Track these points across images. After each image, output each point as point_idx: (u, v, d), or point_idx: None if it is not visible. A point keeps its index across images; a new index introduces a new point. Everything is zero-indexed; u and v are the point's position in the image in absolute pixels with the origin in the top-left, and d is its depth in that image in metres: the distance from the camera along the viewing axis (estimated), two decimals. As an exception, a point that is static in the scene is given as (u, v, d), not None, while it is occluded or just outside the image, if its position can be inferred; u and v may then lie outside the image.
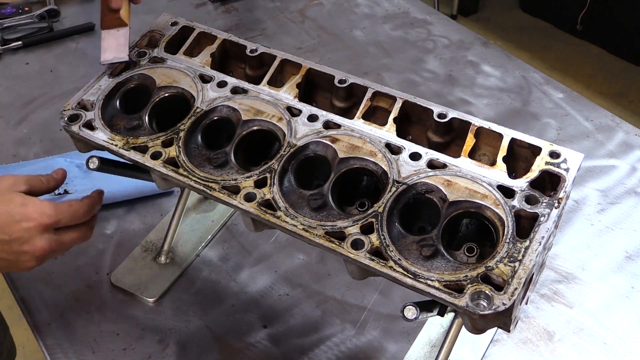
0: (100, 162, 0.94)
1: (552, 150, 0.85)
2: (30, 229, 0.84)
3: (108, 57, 0.98)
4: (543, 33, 3.57)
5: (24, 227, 0.83)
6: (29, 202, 0.85)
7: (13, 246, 0.84)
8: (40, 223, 0.85)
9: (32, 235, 0.84)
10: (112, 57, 0.98)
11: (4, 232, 0.83)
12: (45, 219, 0.85)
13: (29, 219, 0.84)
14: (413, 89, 1.53)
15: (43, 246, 0.85)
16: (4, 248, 0.84)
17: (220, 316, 1.11)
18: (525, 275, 0.74)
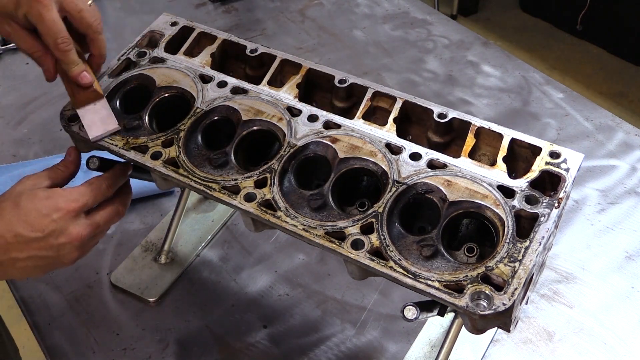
0: (100, 162, 0.94)
1: (552, 151, 0.85)
2: (61, 218, 0.83)
3: (98, 133, 0.92)
4: (543, 33, 3.57)
5: (54, 218, 0.82)
6: (52, 194, 0.84)
7: (50, 241, 0.83)
8: (69, 210, 0.84)
9: (65, 224, 0.83)
10: (102, 132, 0.92)
11: (36, 229, 0.82)
12: (72, 204, 0.84)
13: (57, 209, 0.83)
14: (413, 89, 1.53)
15: (79, 232, 0.85)
16: (42, 245, 0.82)
17: (220, 316, 1.11)
18: (525, 276, 0.74)
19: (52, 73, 0.93)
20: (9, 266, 0.82)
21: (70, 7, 0.89)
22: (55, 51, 0.89)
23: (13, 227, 0.81)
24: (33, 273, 0.85)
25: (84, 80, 0.92)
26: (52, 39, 0.88)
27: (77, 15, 0.89)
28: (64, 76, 0.93)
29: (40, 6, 0.85)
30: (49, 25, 0.87)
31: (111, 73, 1.01)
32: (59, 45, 0.88)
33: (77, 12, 0.89)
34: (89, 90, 0.92)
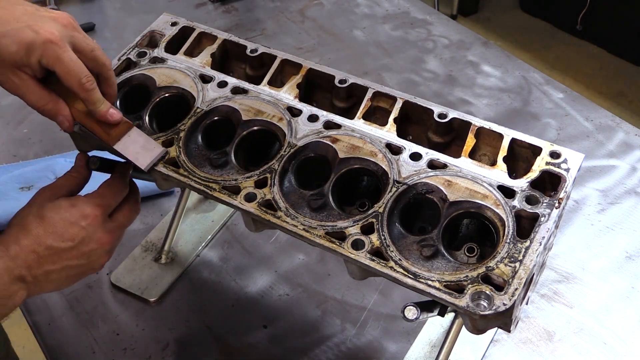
0: (101, 162, 0.94)
1: (552, 151, 0.85)
2: (90, 224, 0.83)
3: (147, 161, 0.88)
4: (543, 33, 3.57)
5: (83, 225, 0.82)
6: (75, 202, 0.84)
7: (81, 248, 0.83)
8: (96, 215, 0.84)
9: (94, 230, 0.83)
10: (150, 159, 0.88)
11: (67, 238, 0.81)
12: (98, 210, 0.84)
13: (85, 216, 0.83)
14: (413, 89, 1.53)
15: (108, 236, 0.85)
16: (74, 254, 0.82)
17: (220, 316, 1.11)
18: (525, 276, 0.74)
19: (71, 121, 0.87)
20: (44, 280, 0.81)
21: (83, 47, 0.84)
22: (81, 92, 0.83)
23: (43, 241, 0.80)
24: (65, 284, 0.85)
25: (114, 117, 0.87)
26: (76, 79, 0.82)
27: (91, 55, 0.85)
28: (85, 119, 0.87)
29: (56, 47, 0.80)
30: (70, 65, 0.82)
31: (111, 73, 1.01)
32: (85, 84, 0.83)
33: (90, 52, 0.85)
34: (119, 123, 0.88)
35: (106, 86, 0.88)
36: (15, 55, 0.80)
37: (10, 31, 0.80)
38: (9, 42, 0.79)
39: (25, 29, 0.80)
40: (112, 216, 0.87)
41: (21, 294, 0.80)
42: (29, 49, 0.80)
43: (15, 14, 0.82)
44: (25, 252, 0.79)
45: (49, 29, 0.81)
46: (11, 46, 0.79)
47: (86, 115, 0.87)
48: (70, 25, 0.84)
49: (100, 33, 1.71)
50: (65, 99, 0.86)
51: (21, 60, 0.80)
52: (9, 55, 0.80)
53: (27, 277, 0.79)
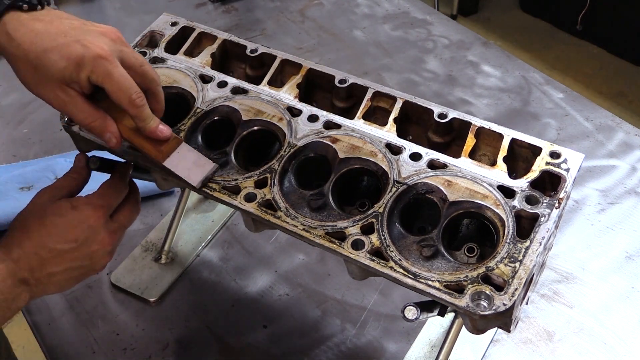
0: (101, 162, 0.94)
1: (552, 151, 0.85)
2: (92, 226, 0.83)
3: (199, 178, 0.85)
4: (543, 33, 3.57)
5: (85, 227, 0.82)
6: (77, 203, 0.84)
7: (83, 250, 0.82)
8: (98, 216, 0.84)
9: (96, 231, 0.83)
10: (202, 176, 0.85)
11: (69, 239, 0.81)
12: (100, 210, 0.84)
13: (87, 217, 0.83)
14: (413, 89, 1.53)
15: (110, 237, 0.85)
16: (76, 255, 0.82)
17: (220, 316, 1.11)
18: (525, 276, 0.74)
19: (119, 138, 0.84)
20: (47, 282, 0.81)
21: (132, 62, 0.82)
22: (131, 108, 0.81)
23: (45, 243, 0.80)
24: (67, 285, 0.84)
25: (163, 133, 0.84)
26: (126, 95, 0.80)
27: (140, 70, 0.82)
28: (133, 136, 0.85)
29: (106, 63, 0.78)
30: (120, 81, 0.79)
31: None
32: (135, 100, 0.80)
33: (139, 67, 0.82)
34: (168, 139, 0.85)
35: (154, 102, 0.85)
36: (63, 71, 0.78)
37: (59, 46, 0.78)
38: (57, 58, 0.77)
39: (74, 44, 0.78)
40: (113, 217, 0.87)
41: (24, 297, 0.80)
42: (79, 65, 0.77)
43: (62, 28, 0.80)
44: (28, 255, 0.79)
45: (98, 43, 0.79)
46: (60, 62, 0.77)
47: (134, 131, 0.84)
48: (119, 40, 0.83)
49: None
50: (112, 115, 0.83)
51: (70, 76, 0.78)
52: (57, 72, 0.78)
53: (30, 279, 0.79)
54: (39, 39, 0.78)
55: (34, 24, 0.79)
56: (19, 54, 0.79)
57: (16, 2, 0.80)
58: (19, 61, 0.80)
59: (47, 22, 0.80)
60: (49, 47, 0.78)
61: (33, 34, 0.79)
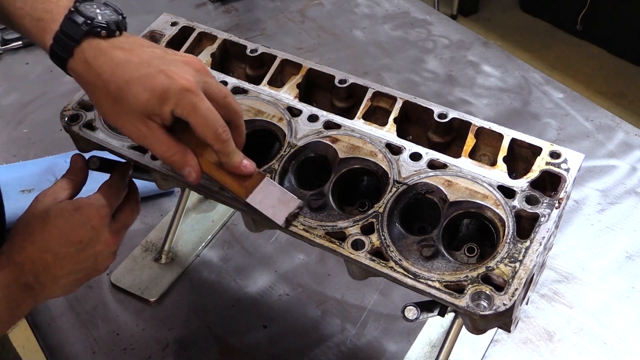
0: (101, 162, 0.94)
1: (552, 151, 0.85)
2: (96, 226, 0.82)
3: (285, 215, 0.81)
4: (543, 33, 3.57)
5: (89, 228, 0.81)
6: (80, 204, 0.83)
7: (88, 251, 0.81)
8: (101, 216, 0.82)
9: (100, 231, 0.82)
10: (288, 211, 0.81)
11: (74, 241, 0.80)
12: (103, 211, 0.83)
13: (91, 218, 0.81)
14: (413, 89, 1.53)
15: (113, 237, 0.84)
16: (81, 257, 0.81)
17: (220, 316, 1.11)
18: (525, 276, 0.74)
19: (199, 172, 0.79)
20: (52, 285, 0.80)
21: (215, 94, 0.77)
22: (216, 143, 0.76)
23: (49, 246, 0.79)
24: (72, 288, 0.83)
25: (247, 168, 0.80)
26: (212, 129, 0.75)
27: (223, 102, 0.78)
28: (215, 170, 0.80)
29: (192, 96, 0.74)
30: (206, 115, 0.75)
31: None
32: (221, 135, 0.76)
33: (222, 98, 0.78)
34: (252, 174, 0.81)
35: (236, 135, 0.80)
36: (146, 103, 0.74)
37: (141, 77, 0.74)
38: (140, 90, 0.74)
39: (157, 75, 0.74)
40: (115, 217, 0.86)
41: (29, 302, 0.79)
42: (163, 98, 0.73)
43: (144, 57, 0.76)
44: (32, 260, 0.78)
45: (183, 74, 0.74)
46: (142, 94, 0.73)
47: (215, 166, 0.80)
48: (203, 70, 0.78)
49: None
50: (191, 148, 0.79)
51: (152, 109, 0.74)
52: (139, 104, 0.74)
53: (35, 284, 0.78)
54: (120, 69, 0.74)
55: (114, 52, 0.76)
56: (99, 84, 0.76)
57: (94, 29, 0.76)
58: (98, 91, 0.76)
59: (127, 50, 0.76)
60: (131, 78, 0.74)
61: (114, 63, 0.75)
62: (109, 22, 0.77)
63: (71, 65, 0.77)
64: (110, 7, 0.80)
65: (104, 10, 0.78)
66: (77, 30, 0.75)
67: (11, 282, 0.76)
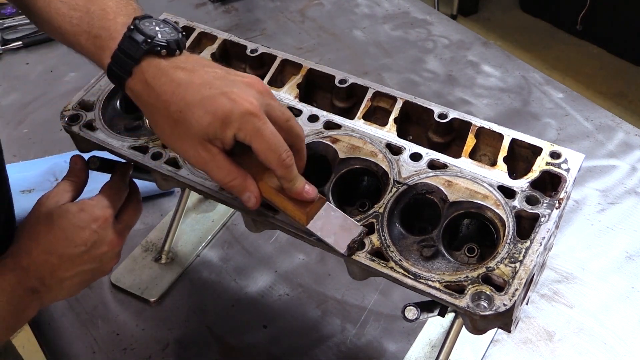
0: (101, 162, 0.94)
1: (552, 151, 0.85)
2: (100, 227, 0.82)
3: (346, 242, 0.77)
4: (543, 33, 3.57)
5: (94, 229, 0.81)
6: (83, 205, 0.82)
7: (93, 252, 0.81)
8: (106, 217, 0.83)
9: (105, 232, 0.82)
10: (350, 239, 0.77)
11: (79, 243, 0.80)
12: (107, 211, 0.83)
13: (95, 219, 0.81)
14: (413, 89, 1.53)
15: (117, 238, 0.84)
16: (86, 258, 0.81)
17: (220, 316, 1.11)
18: (526, 276, 0.74)
19: (259, 197, 0.76)
20: (57, 288, 0.80)
21: (278, 117, 0.74)
22: (279, 168, 0.73)
23: (55, 249, 0.79)
24: (77, 290, 0.83)
25: (309, 194, 0.76)
26: (275, 155, 0.72)
27: (285, 125, 0.75)
28: (275, 196, 0.77)
29: (256, 120, 0.70)
30: (270, 140, 0.71)
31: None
32: (285, 160, 0.72)
33: (285, 122, 0.75)
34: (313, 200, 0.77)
35: (298, 159, 0.77)
36: (208, 127, 0.70)
37: (203, 100, 0.71)
38: (202, 113, 0.70)
39: (220, 97, 0.71)
40: (118, 217, 0.87)
41: (35, 305, 0.79)
42: (225, 121, 0.70)
43: (206, 78, 0.72)
44: (38, 263, 0.78)
45: (246, 97, 0.71)
46: (204, 117, 0.70)
47: (276, 191, 0.77)
48: (266, 92, 0.75)
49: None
50: (250, 172, 0.76)
51: (214, 133, 0.71)
52: (200, 128, 0.70)
53: (40, 287, 0.78)
54: (181, 90, 0.71)
55: (175, 73, 0.72)
56: (159, 106, 0.73)
57: (154, 48, 0.73)
58: (157, 113, 0.74)
59: (189, 70, 0.73)
60: (192, 100, 0.71)
61: (174, 84, 0.72)
62: (169, 40, 0.74)
63: (130, 84, 0.74)
64: (169, 24, 0.77)
65: (163, 27, 0.75)
66: (136, 49, 0.73)
67: (16, 285, 0.76)
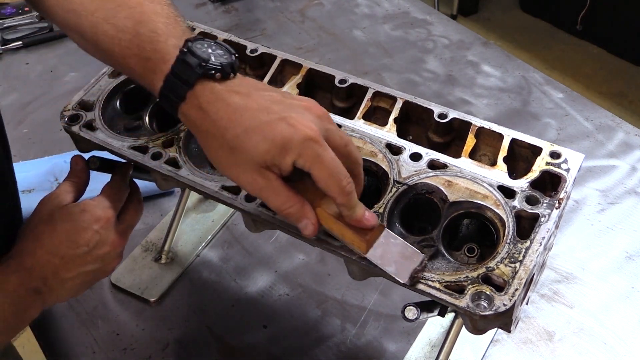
0: (101, 162, 0.94)
1: (552, 151, 0.85)
2: (102, 227, 0.82)
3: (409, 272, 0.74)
4: (543, 33, 3.57)
5: (96, 229, 0.81)
6: (85, 206, 0.82)
7: (95, 252, 0.81)
8: (108, 217, 0.83)
9: (107, 233, 0.82)
10: (412, 267, 0.74)
11: (82, 244, 0.80)
12: (109, 211, 0.83)
13: (97, 219, 0.82)
14: (413, 89, 1.53)
15: (119, 238, 0.84)
16: (88, 259, 0.81)
17: (220, 316, 1.11)
18: (526, 276, 0.74)
19: (316, 225, 0.73)
20: (60, 289, 0.81)
21: (337, 142, 0.71)
22: (340, 196, 0.70)
23: (58, 250, 0.79)
24: (80, 291, 0.84)
25: (370, 221, 0.73)
26: (336, 182, 0.69)
27: (344, 150, 0.72)
28: (333, 223, 0.74)
29: (316, 146, 0.67)
30: (331, 167, 0.69)
31: (111, 73, 1.01)
32: (345, 187, 0.69)
33: (344, 147, 0.72)
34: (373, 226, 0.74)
35: (356, 184, 0.73)
36: (266, 154, 0.68)
37: (261, 125, 0.68)
38: (260, 139, 0.68)
39: (278, 123, 0.68)
40: (119, 218, 0.87)
41: (38, 306, 0.79)
42: (285, 148, 0.67)
43: (263, 103, 0.70)
44: (41, 264, 0.78)
45: (306, 122, 0.68)
46: (262, 144, 0.67)
47: (334, 218, 0.73)
48: (325, 116, 0.72)
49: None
50: (307, 198, 0.73)
51: (272, 159, 0.68)
52: (258, 154, 0.68)
53: (43, 288, 0.78)
54: (238, 116, 0.69)
55: (230, 97, 0.70)
56: (215, 132, 0.70)
57: (208, 71, 0.70)
58: (213, 139, 0.70)
59: (245, 94, 0.71)
60: (250, 126, 0.68)
61: (231, 109, 0.69)
62: (223, 64, 0.71)
63: (183, 109, 0.71)
64: (221, 46, 0.75)
65: (216, 50, 0.73)
66: (190, 73, 0.70)
67: (20, 286, 0.76)
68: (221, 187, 0.87)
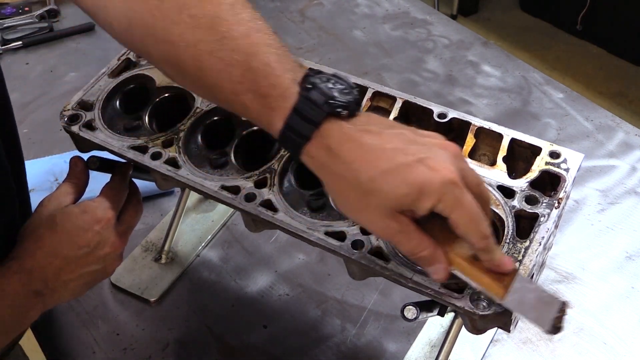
0: (101, 162, 0.94)
1: (552, 150, 0.85)
2: (103, 228, 0.82)
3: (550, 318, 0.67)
4: (543, 33, 3.56)
5: (97, 230, 0.81)
6: (85, 207, 0.83)
7: (97, 253, 0.81)
8: (108, 218, 0.83)
9: (108, 234, 0.82)
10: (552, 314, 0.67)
11: (83, 245, 0.80)
12: (109, 212, 0.83)
13: (98, 220, 0.82)
14: (413, 89, 1.53)
15: (120, 239, 0.84)
16: (90, 260, 0.81)
17: (220, 316, 1.11)
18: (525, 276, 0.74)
19: (448, 269, 0.69)
20: (61, 290, 0.81)
21: (472, 182, 0.66)
22: (481, 240, 0.66)
23: (59, 251, 0.79)
24: (80, 292, 0.84)
25: (508, 265, 0.68)
26: (476, 226, 0.65)
27: (477, 190, 0.67)
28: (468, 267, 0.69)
29: (457, 190, 0.63)
30: (471, 211, 0.64)
31: (111, 73, 1.01)
32: (485, 232, 0.66)
33: (477, 186, 0.67)
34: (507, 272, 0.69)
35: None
36: (404, 198, 0.63)
37: (400, 168, 0.63)
38: (398, 183, 0.63)
39: (417, 166, 0.63)
40: (120, 218, 0.87)
41: (38, 308, 0.79)
42: (424, 192, 0.63)
43: (397, 143, 0.65)
44: (42, 265, 0.78)
45: (445, 164, 0.64)
46: (401, 187, 0.63)
47: (467, 261, 0.69)
48: (459, 155, 0.68)
49: (100, 33, 1.71)
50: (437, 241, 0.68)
51: (409, 203, 0.64)
52: (395, 198, 0.63)
53: (44, 289, 0.78)
54: (373, 158, 0.64)
55: (362, 137, 0.65)
56: (347, 175, 0.65)
57: (335, 109, 0.65)
58: (344, 182, 0.65)
59: (376, 134, 0.66)
60: (387, 168, 0.63)
61: (364, 150, 0.64)
62: (349, 101, 0.67)
63: (309, 151, 0.66)
64: (340, 79, 0.69)
65: (336, 84, 0.68)
66: (317, 112, 0.65)
67: (20, 288, 0.76)
68: (221, 187, 0.87)
